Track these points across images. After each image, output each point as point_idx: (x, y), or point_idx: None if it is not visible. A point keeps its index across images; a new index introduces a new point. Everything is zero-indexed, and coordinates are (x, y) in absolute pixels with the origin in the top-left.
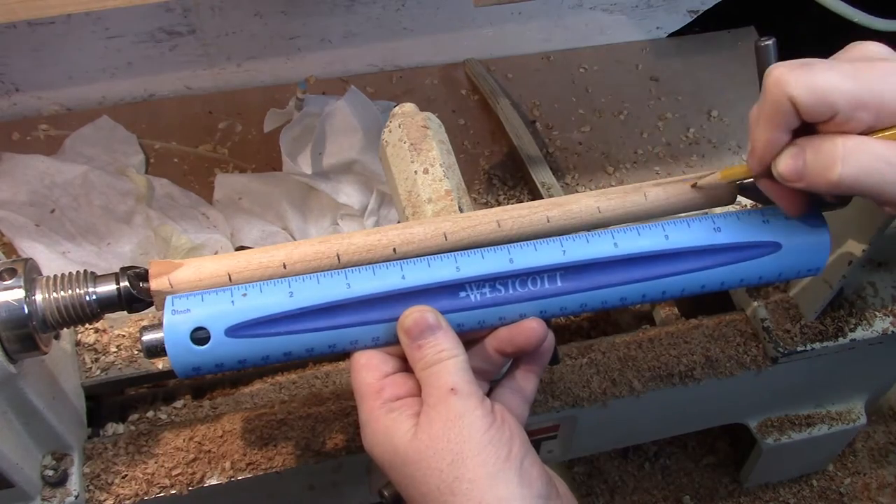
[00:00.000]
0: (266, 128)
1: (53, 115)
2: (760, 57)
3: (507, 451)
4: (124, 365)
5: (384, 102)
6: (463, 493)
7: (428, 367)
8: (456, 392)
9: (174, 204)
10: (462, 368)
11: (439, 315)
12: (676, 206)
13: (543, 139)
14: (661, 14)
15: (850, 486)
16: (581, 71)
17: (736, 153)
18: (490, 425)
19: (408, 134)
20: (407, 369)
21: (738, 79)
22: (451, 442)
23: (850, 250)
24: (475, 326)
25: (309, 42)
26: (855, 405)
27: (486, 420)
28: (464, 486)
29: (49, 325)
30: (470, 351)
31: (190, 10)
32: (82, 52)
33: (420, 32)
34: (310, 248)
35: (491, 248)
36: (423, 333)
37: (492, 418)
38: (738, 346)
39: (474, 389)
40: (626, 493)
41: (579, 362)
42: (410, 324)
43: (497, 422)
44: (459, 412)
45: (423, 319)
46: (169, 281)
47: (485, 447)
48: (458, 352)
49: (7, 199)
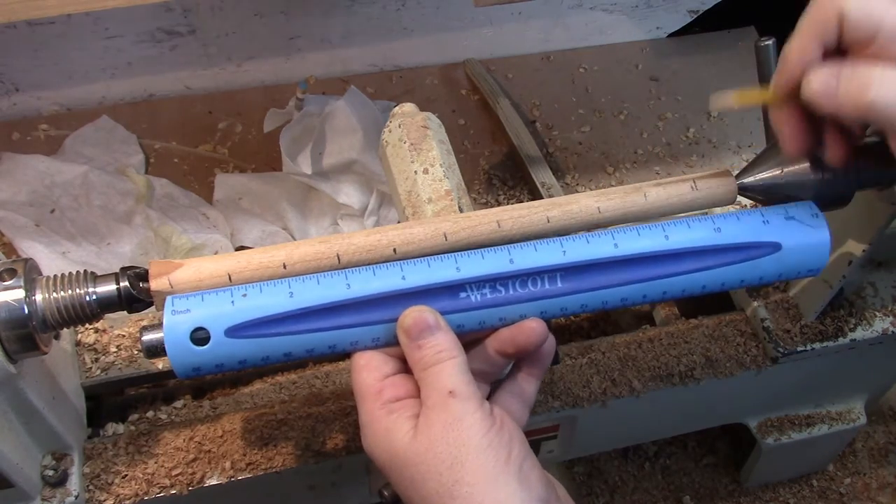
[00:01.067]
0: (266, 128)
1: (53, 115)
2: (760, 57)
3: (507, 454)
4: (124, 365)
5: (384, 102)
6: (462, 497)
7: (427, 367)
8: (455, 395)
9: (174, 204)
10: (461, 370)
11: (438, 315)
12: (676, 206)
13: (543, 139)
14: (661, 14)
15: (850, 486)
16: (581, 71)
17: (736, 153)
18: (489, 428)
19: (408, 134)
20: (407, 370)
21: (738, 79)
22: (450, 445)
23: (850, 250)
24: (475, 327)
25: (309, 42)
26: (855, 405)
27: (486, 423)
28: (463, 490)
29: (49, 325)
30: (470, 352)
31: (190, 10)
32: (82, 52)
33: (420, 32)
34: (310, 248)
35: (491, 248)
36: (423, 333)
37: (491, 421)
38: (738, 346)
39: (473, 391)
40: (626, 493)
41: (579, 362)
42: (410, 323)
43: (496, 425)
44: (458, 415)
45: (423, 319)
46: (169, 281)
47: (484, 450)
48: (457, 353)
49: (7, 199)
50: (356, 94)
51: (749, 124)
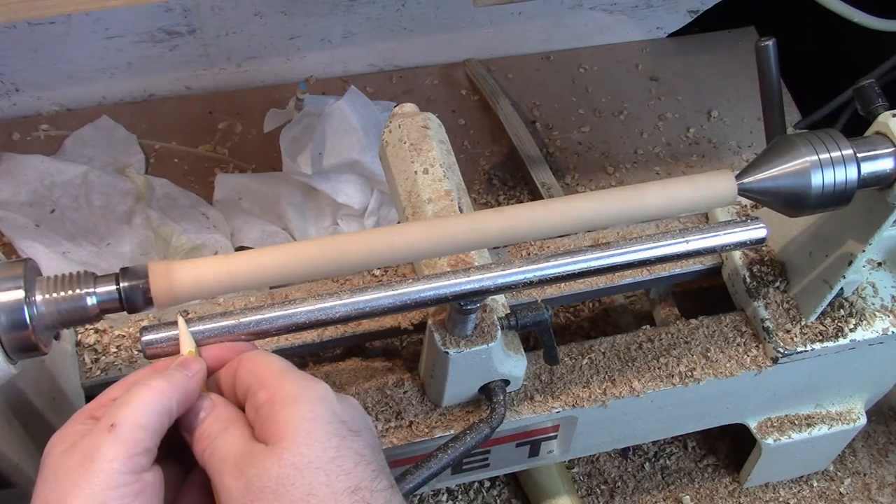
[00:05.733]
0: (266, 128)
1: (53, 115)
2: (760, 57)
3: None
4: (124, 365)
5: (384, 102)
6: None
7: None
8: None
9: (174, 204)
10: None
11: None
12: (676, 207)
13: (543, 139)
14: (661, 14)
15: (850, 486)
16: (581, 71)
17: (736, 153)
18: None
19: (408, 134)
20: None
21: (738, 79)
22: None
23: (850, 250)
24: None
25: (309, 42)
26: (855, 405)
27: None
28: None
29: (49, 325)
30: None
31: (190, 10)
32: (82, 52)
33: (420, 32)
34: (310, 248)
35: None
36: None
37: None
38: (738, 346)
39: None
40: (626, 493)
41: (579, 362)
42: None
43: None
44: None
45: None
46: (169, 282)
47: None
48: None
49: (7, 199)
50: (356, 94)
51: (749, 124)
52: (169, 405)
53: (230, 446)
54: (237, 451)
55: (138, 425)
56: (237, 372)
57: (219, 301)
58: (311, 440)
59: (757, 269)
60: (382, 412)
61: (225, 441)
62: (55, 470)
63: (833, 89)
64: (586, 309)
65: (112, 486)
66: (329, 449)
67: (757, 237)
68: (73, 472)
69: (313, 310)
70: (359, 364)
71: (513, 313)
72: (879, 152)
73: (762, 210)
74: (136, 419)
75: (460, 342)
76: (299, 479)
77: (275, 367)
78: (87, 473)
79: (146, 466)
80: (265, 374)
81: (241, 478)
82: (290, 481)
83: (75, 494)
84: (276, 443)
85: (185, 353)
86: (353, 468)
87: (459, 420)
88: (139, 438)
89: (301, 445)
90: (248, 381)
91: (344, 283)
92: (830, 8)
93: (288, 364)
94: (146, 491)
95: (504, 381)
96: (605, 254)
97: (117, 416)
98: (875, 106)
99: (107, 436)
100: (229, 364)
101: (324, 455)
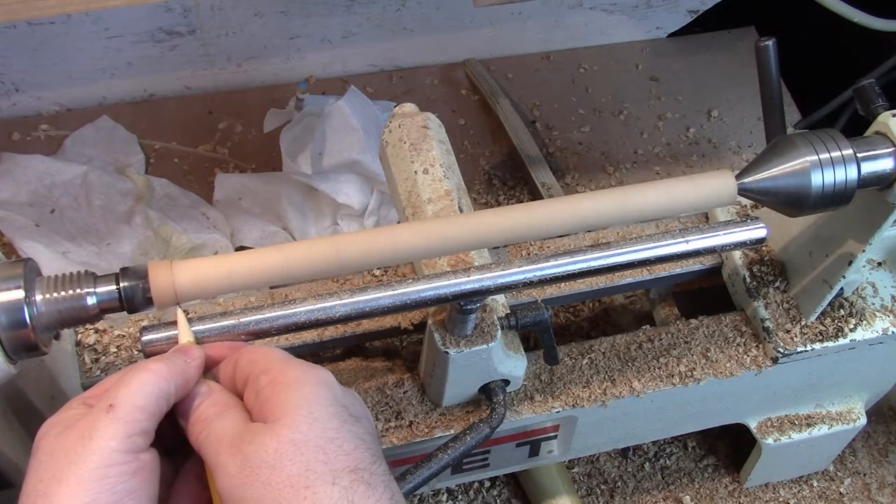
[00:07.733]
0: (266, 128)
1: (53, 115)
2: (760, 57)
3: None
4: (124, 365)
5: (384, 102)
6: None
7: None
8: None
9: (174, 204)
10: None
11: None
12: (676, 207)
13: (543, 139)
14: (661, 14)
15: (850, 486)
16: (581, 71)
17: (736, 153)
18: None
19: (408, 134)
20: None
21: (738, 79)
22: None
23: (850, 250)
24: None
25: (309, 42)
26: (855, 405)
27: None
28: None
29: (49, 325)
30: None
31: (190, 10)
32: (82, 52)
33: (420, 32)
34: (310, 248)
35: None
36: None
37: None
38: (738, 346)
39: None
40: (626, 493)
41: (579, 362)
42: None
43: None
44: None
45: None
46: (168, 281)
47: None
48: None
49: (7, 199)
50: (356, 94)
51: (749, 124)
52: (167, 388)
53: (227, 428)
54: (234, 432)
55: (137, 406)
56: (237, 362)
57: (219, 301)
58: (312, 419)
59: (757, 269)
60: (382, 412)
61: (222, 423)
62: (50, 450)
63: (833, 89)
64: (586, 309)
65: (109, 464)
66: (329, 430)
67: (757, 237)
68: (69, 451)
69: (313, 309)
70: (359, 364)
71: (513, 313)
72: (879, 152)
73: (762, 210)
74: (135, 400)
75: (460, 342)
76: (297, 455)
77: (277, 355)
78: (85, 451)
79: (143, 447)
80: (267, 362)
81: (237, 454)
82: (288, 457)
83: (72, 471)
84: (275, 420)
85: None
86: (352, 450)
87: (459, 420)
88: (137, 419)
89: (301, 424)
90: (248, 370)
91: (344, 283)
92: (830, 8)
93: (289, 354)
94: (143, 470)
95: (504, 381)
96: (605, 254)
97: (116, 396)
98: (875, 106)
99: (105, 415)
100: (229, 357)
101: (323, 435)
